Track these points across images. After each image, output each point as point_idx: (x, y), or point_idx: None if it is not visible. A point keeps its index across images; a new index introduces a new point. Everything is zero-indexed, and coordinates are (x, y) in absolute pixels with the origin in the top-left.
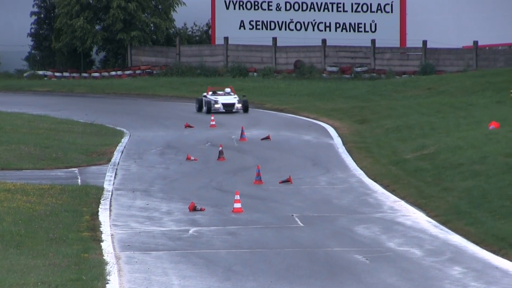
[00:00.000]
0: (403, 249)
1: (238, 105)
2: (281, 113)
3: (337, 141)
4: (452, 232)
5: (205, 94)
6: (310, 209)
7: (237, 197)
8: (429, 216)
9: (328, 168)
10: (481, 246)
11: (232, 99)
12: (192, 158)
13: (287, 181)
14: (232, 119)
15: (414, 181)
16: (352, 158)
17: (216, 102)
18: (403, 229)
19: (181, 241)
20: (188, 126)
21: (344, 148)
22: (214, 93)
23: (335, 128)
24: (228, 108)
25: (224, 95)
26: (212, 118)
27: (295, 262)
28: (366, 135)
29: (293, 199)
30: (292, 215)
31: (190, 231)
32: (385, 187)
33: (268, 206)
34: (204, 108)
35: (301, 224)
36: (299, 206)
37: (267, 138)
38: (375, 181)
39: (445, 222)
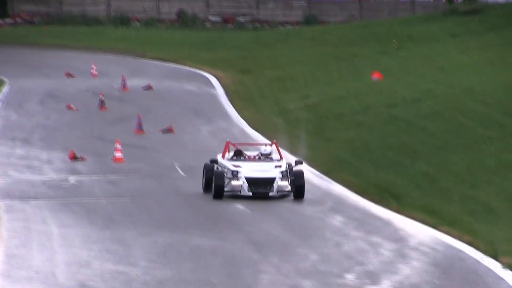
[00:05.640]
0: (285, 199)
1: (283, 183)
2: (164, 63)
3: (220, 91)
4: (335, 182)
5: (217, 157)
6: (191, 159)
7: (118, 146)
8: (312, 166)
9: (210, 118)
10: (363, 196)
11: (271, 168)
12: (73, 107)
13: (169, 130)
14: (114, 67)
15: (296, 131)
16: (235, 108)
17: (235, 174)
18: None
19: (61, 190)
20: (68, 74)
21: (226, 98)
22: (238, 154)
23: (218, 78)
24: (261, 190)
25: (257, 159)
26: (93, 66)
27: (175, 211)
28: (249, 85)
29: (175, 149)
30: (174, 165)
31: (71, 180)
32: (268, 137)
33: (149, 156)
34: (214, 187)
35: (183, 174)
36: (181, 156)
37: (149, 87)
38: (257, 131)
39: (327, 172)
